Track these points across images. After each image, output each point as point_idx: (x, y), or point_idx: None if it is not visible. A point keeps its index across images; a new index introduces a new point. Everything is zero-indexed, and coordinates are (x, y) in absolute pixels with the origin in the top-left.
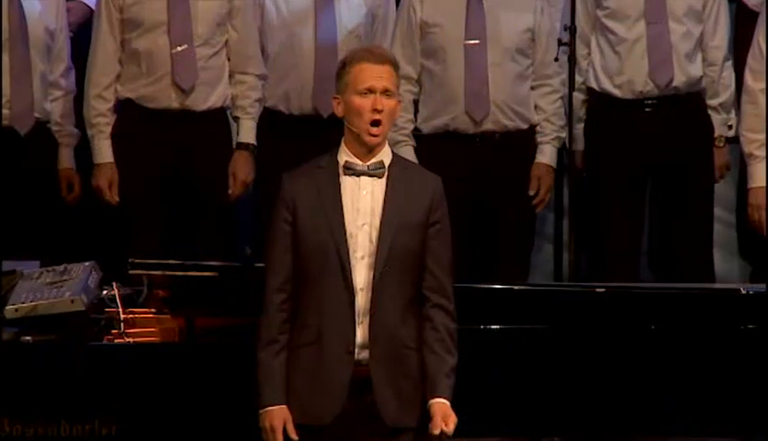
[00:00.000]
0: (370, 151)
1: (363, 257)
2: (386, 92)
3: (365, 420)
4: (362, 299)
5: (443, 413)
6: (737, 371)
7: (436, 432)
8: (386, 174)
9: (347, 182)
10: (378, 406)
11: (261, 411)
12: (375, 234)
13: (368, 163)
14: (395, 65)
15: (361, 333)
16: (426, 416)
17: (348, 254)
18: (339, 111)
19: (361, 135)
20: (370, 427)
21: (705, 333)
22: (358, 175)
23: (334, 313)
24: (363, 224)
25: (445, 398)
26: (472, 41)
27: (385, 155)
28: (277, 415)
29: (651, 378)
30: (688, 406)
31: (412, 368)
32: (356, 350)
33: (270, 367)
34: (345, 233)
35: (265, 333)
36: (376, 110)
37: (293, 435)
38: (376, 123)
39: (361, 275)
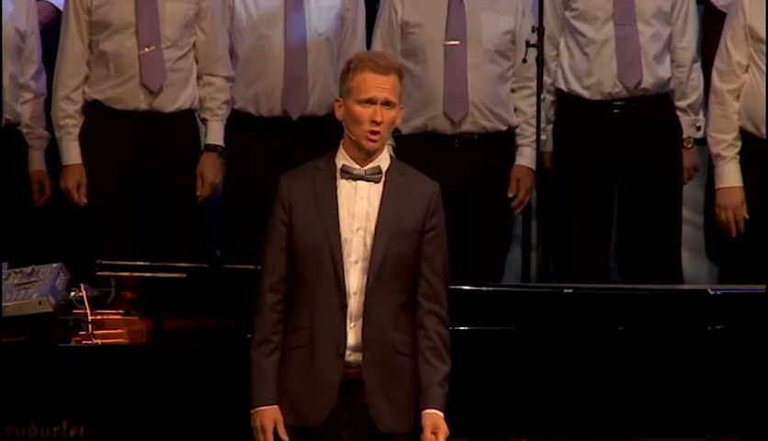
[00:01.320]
0: (368, 156)
1: (357, 262)
2: (387, 103)
3: (356, 423)
4: (355, 303)
5: (433, 425)
6: (705, 372)
7: None
8: (383, 179)
9: (344, 186)
10: (370, 410)
11: (252, 410)
12: (369, 239)
13: (366, 168)
14: (399, 74)
15: (353, 337)
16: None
17: (342, 258)
18: (339, 114)
19: (359, 141)
20: (362, 431)
21: (674, 333)
22: (355, 180)
23: (326, 316)
24: (358, 229)
25: (436, 408)
26: (452, 42)
27: (383, 160)
28: (268, 415)
29: (619, 379)
30: (656, 406)
31: (405, 374)
32: (348, 353)
33: (262, 367)
34: (340, 237)
35: (258, 333)
36: (374, 122)
37: (284, 436)
38: (374, 132)
39: (354, 279)
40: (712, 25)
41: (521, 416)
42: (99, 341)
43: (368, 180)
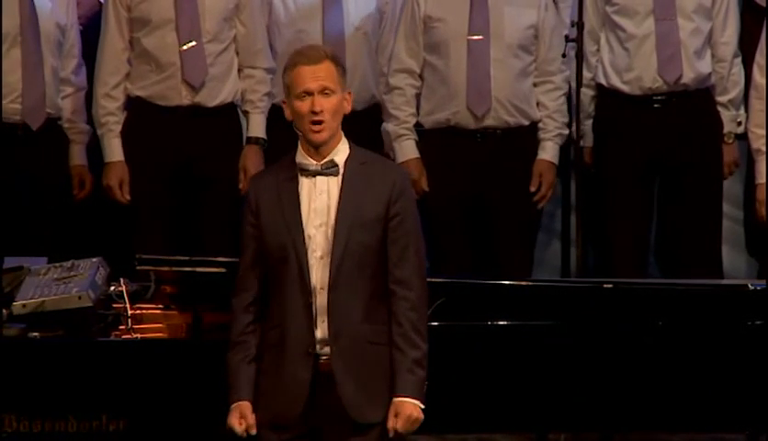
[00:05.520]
0: (321, 150)
1: (321, 257)
2: (324, 91)
3: (334, 417)
4: (321, 299)
5: (396, 411)
6: (744, 367)
7: (389, 431)
8: (341, 171)
9: (304, 183)
10: (343, 401)
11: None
12: (331, 233)
13: (321, 163)
14: (335, 60)
15: (321, 332)
16: None
17: (306, 255)
18: (287, 116)
19: (306, 135)
20: (343, 423)
21: (713, 329)
22: (314, 176)
23: (295, 315)
24: (320, 224)
25: (403, 396)
26: (475, 36)
27: (339, 153)
28: (235, 414)
29: (659, 374)
30: (695, 402)
31: (380, 364)
32: (318, 347)
33: (232, 368)
34: (303, 234)
35: (232, 335)
36: (314, 112)
37: (252, 430)
38: (317, 123)
39: (320, 274)
40: (751, 20)
41: (560, 411)
42: (138, 335)
43: (326, 175)
